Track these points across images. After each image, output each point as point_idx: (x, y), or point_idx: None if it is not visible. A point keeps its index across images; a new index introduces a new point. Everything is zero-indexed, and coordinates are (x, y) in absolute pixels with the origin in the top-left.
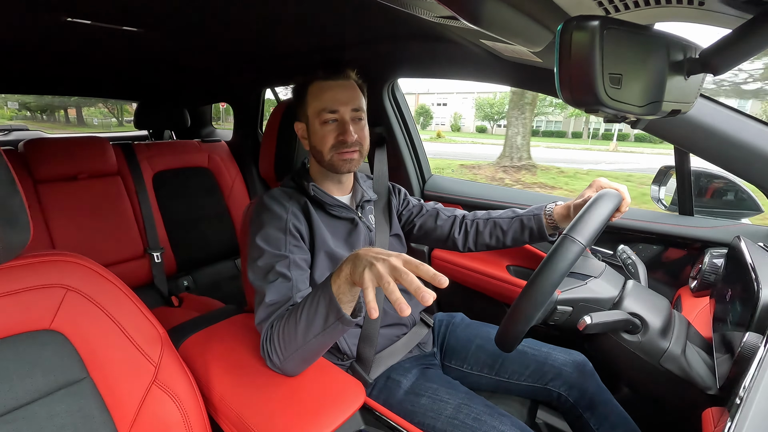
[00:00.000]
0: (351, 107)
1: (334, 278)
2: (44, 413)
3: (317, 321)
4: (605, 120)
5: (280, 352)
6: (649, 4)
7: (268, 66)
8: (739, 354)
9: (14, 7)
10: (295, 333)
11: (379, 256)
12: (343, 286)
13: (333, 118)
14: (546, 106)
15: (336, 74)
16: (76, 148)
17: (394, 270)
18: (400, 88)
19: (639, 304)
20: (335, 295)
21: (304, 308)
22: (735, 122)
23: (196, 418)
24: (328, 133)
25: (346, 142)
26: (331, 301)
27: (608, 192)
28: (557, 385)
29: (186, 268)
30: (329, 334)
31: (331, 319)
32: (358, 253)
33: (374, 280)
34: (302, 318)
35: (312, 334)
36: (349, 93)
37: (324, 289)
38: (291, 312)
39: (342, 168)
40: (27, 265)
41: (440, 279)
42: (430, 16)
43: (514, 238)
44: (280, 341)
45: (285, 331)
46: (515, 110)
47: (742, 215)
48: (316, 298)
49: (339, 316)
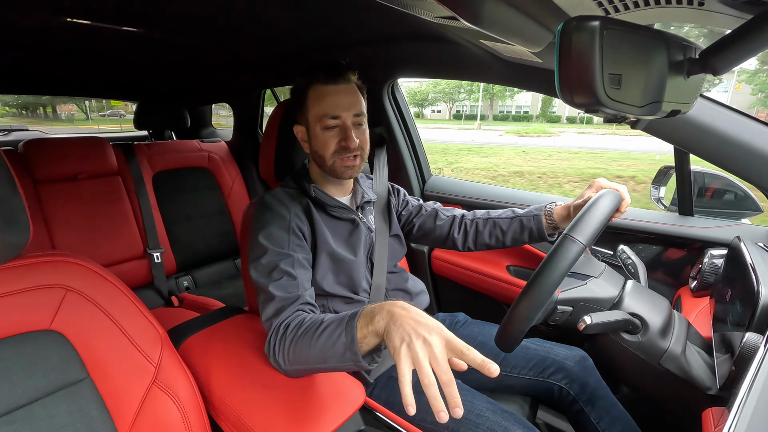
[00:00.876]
0: (353, 112)
1: (363, 323)
2: (44, 413)
3: (333, 355)
4: (605, 120)
5: (288, 359)
6: (649, 4)
7: (268, 66)
8: (739, 354)
9: (14, 7)
10: (307, 353)
11: (420, 330)
12: (371, 338)
13: (335, 124)
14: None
15: (337, 78)
16: (75, 149)
17: (434, 360)
18: (400, 88)
19: (639, 304)
20: (358, 340)
21: (323, 335)
22: (735, 122)
23: (196, 418)
24: (330, 138)
25: (348, 148)
26: (352, 343)
27: (608, 192)
28: (558, 378)
29: (186, 268)
30: (340, 368)
31: (347, 359)
32: (394, 313)
33: (411, 364)
34: (318, 344)
35: (323, 363)
36: (350, 98)
37: (348, 328)
38: (308, 330)
39: (344, 174)
40: (27, 265)
41: (490, 367)
42: (430, 16)
43: (514, 238)
44: (291, 352)
45: (298, 346)
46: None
47: (742, 215)
48: (337, 332)
49: (356, 361)
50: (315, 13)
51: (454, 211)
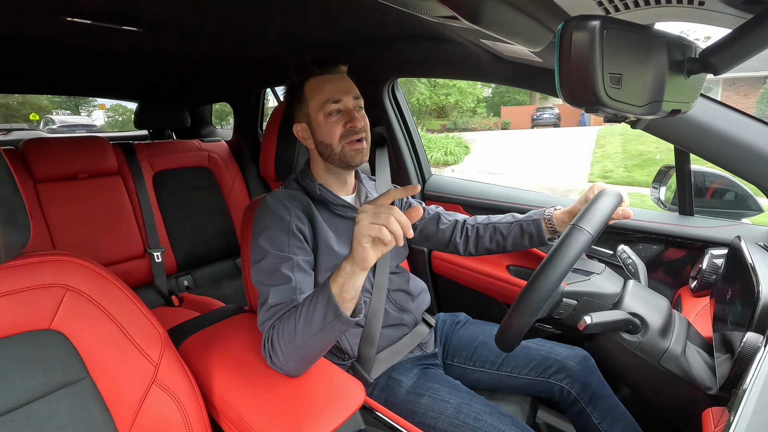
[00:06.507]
0: (352, 95)
1: (334, 277)
2: (44, 413)
3: (315, 320)
4: (605, 120)
5: (281, 351)
6: (649, 4)
7: (268, 66)
8: (739, 354)
9: (14, 6)
10: (294, 332)
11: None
12: (347, 285)
13: (337, 109)
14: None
15: (331, 67)
16: (75, 148)
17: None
18: (400, 88)
19: (639, 304)
20: (334, 294)
21: (303, 307)
22: (735, 122)
23: (196, 418)
24: (335, 124)
25: (355, 128)
26: (329, 299)
27: (609, 191)
28: (560, 378)
29: (186, 268)
30: (328, 333)
31: (329, 317)
32: (352, 249)
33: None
34: (301, 317)
35: (310, 333)
36: (347, 83)
37: (322, 288)
38: (291, 312)
39: (354, 159)
40: (27, 265)
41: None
42: (431, 15)
43: (514, 243)
44: (280, 341)
45: (285, 330)
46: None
47: (742, 215)
48: (314, 297)
49: (337, 315)
50: (316, 13)
51: (456, 215)
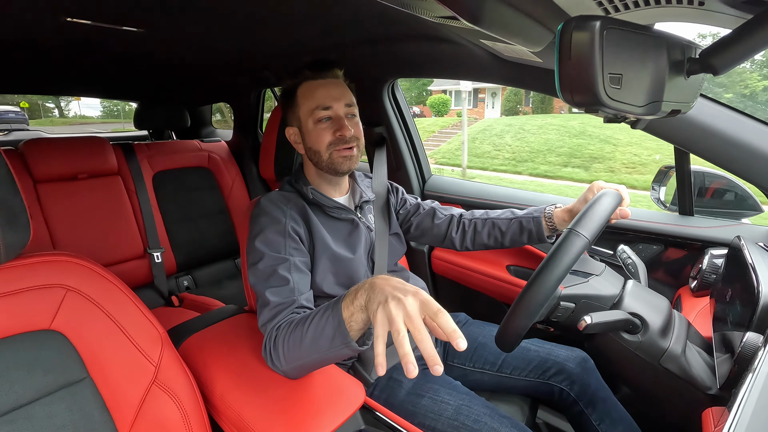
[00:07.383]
0: (344, 102)
1: (347, 303)
2: (44, 413)
3: (323, 341)
4: (605, 120)
5: (283, 358)
6: (649, 4)
7: (268, 66)
8: (739, 354)
9: (14, 6)
10: (299, 345)
11: (396, 292)
12: (357, 315)
13: (327, 116)
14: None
15: (324, 72)
16: (75, 148)
17: (408, 318)
18: (399, 88)
19: (639, 304)
20: (345, 321)
21: (312, 324)
22: (735, 122)
23: (196, 418)
24: (324, 131)
25: (344, 137)
26: (339, 325)
27: (609, 191)
28: (559, 380)
29: (186, 268)
30: (333, 355)
31: (337, 342)
32: (374, 283)
33: (386, 324)
34: (308, 333)
35: (316, 352)
36: (340, 89)
37: (334, 311)
38: (298, 323)
39: (342, 167)
40: (27, 265)
41: (459, 341)
42: (430, 16)
43: (513, 240)
44: (284, 349)
45: (290, 341)
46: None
47: (742, 215)
48: (325, 317)
49: (346, 342)
50: (316, 13)
51: (452, 210)
